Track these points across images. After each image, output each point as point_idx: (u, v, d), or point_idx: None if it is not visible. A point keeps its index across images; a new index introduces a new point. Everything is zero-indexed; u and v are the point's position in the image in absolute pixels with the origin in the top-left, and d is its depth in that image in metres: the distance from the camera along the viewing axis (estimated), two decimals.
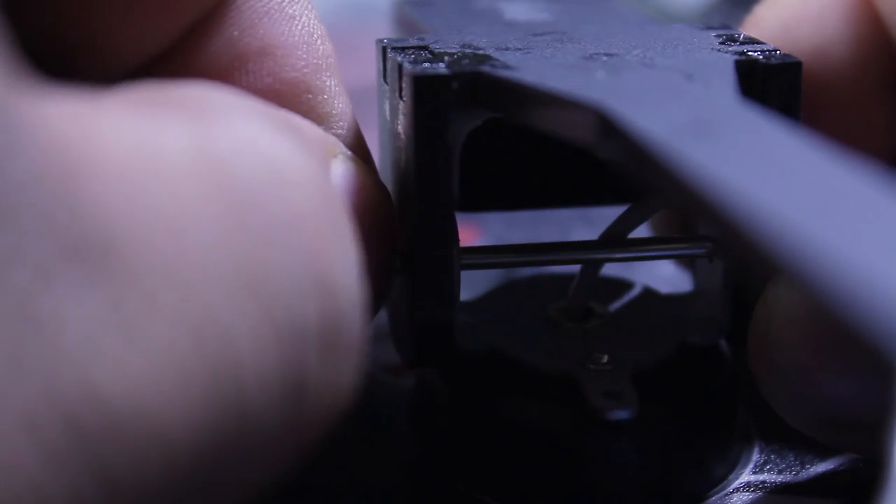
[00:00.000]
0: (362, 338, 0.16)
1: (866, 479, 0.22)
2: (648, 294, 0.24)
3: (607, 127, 0.17)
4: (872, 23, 0.24)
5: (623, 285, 0.24)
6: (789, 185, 0.14)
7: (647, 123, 0.16)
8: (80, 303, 0.13)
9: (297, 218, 0.15)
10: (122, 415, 0.13)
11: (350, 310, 0.16)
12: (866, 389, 0.19)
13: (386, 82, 0.22)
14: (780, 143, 0.15)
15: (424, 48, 0.21)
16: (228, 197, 0.14)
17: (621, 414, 0.20)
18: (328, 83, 0.20)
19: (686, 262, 0.25)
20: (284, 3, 0.20)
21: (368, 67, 0.24)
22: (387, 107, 0.22)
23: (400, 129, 0.21)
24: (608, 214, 0.23)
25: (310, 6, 0.20)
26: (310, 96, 0.20)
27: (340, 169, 0.18)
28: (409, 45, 0.21)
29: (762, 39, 0.22)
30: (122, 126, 0.14)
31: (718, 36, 0.22)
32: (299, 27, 0.20)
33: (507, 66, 0.20)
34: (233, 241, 0.14)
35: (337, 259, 0.15)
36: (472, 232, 0.28)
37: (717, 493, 0.22)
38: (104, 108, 0.14)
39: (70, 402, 0.12)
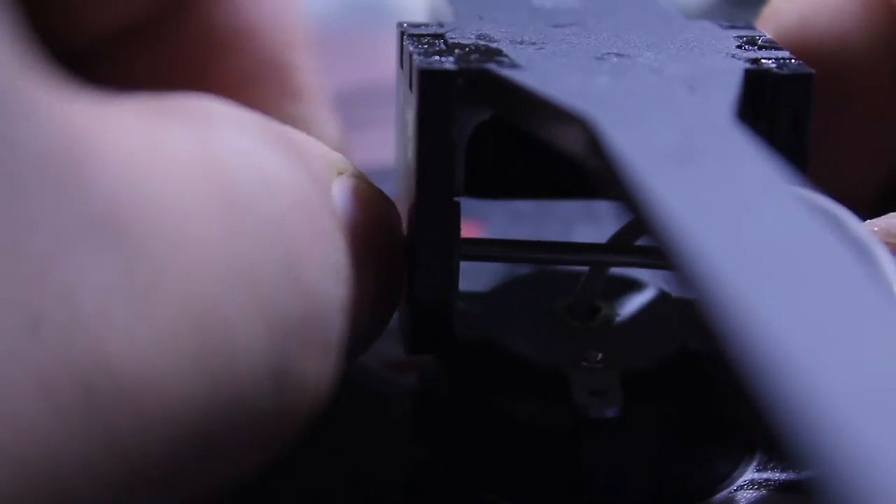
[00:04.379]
0: (342, 338, 0.17)
1: None
2: (659, 295, 0.23)
3: (593, 142, 0.17)
4: (891, 13, 0.23)
5: (635, 285, 0.24)
6: (749, 234, 0.14)
7: (628, 145, 0.16)
8: (94, 275, 0.13)
9: (281, 225, 0.16)
10: (130, 383, 0.14)
11: (329, 311, 0.17)
12: None
13: (402, 69, 0.22)
14: (755, 181, 0.15)
15: (440, 37, 0.21)
16: (225, 200, 0.16)
17: (605, 412, 0.20)
18: (301, 60, 0.20)
19: None
20: None
21: (368, 68, 0.24)
22: (401, 92, 0.22)
23: (408, 117, 0.21)
24: (613, 214, 0.22)
25: None
26: (283, 74, 0.20)
27: (343, 186, 0.19)
28: (425, 33, 0.21)
29: (779, 31, 0.21)
30: (130, 127, 0.15)
31: (739, 38, 0.22)
32: (272, 3, 0.20)
33: (513, 65, 0.20)
34: (230, 239, 0.15)
35: (316, 264, 0.17)
36: (474, 226, 0.28)
37: (721, 490, 0.22)
38: (112, 108, 0.15)
39: (85, 368, 0.13)
